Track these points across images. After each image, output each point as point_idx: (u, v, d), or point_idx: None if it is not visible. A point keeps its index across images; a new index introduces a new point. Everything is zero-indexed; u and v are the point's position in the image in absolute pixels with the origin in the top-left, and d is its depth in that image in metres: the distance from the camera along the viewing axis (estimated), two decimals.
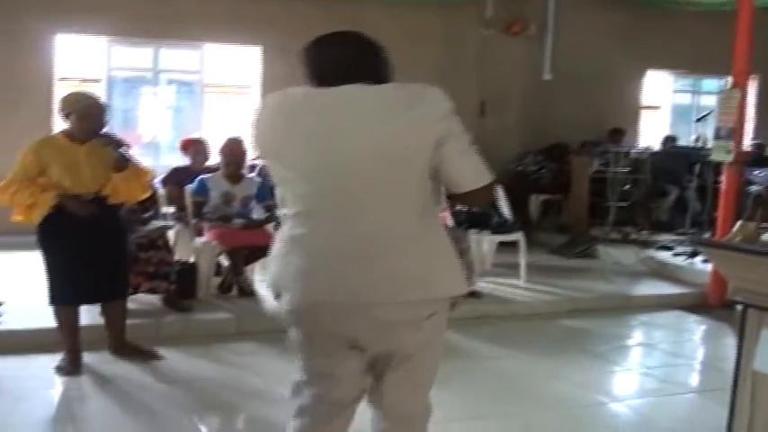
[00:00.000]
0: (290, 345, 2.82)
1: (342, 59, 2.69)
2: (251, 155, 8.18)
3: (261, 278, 4.59)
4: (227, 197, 6.78)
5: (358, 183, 2.57)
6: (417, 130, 2.55)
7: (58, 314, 5.12)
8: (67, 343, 5.13)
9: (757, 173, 11.05)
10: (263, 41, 9.91)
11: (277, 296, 2.76)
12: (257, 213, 6.92)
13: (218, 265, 6.88)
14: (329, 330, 2.70)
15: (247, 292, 6.67)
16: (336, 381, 2.79)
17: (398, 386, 2.80)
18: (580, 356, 5.97)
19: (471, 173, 2.63)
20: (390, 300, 2.59)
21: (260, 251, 6.70)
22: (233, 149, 6.86)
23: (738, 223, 3.75)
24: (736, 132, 7.17)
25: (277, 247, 2.75)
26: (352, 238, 2.59)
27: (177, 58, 10.08)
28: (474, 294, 6.97)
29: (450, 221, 7.60)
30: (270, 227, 6.92)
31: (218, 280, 6.80)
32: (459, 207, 7.76)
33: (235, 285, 6.73)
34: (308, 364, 2.81)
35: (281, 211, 2.75)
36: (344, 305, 2.62)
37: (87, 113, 4.97)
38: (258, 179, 7.09)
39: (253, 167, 8.22)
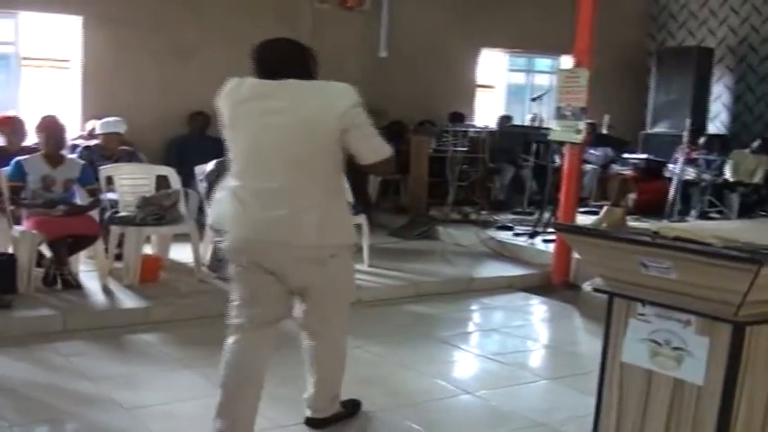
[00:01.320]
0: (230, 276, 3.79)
1: (278, 60, 3.65)
2: (71, 133, 7.61)
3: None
4: (47, 181, 6.20)
5: (274, 150, 3.51)
6: (323, 116, 3.51)
7: None
8: None
9: (592, 152, 11.24)
10: (83, 11, 9.22)
11: (218, 232, 3.72)
12: (81, 198, 6.38)
13: (41, 256, 6.30)
14: (256, 262, 3.61)
15: (73, 285, 6.12)
16: (262, 303, 3.71)
17: (311, 311, 3.82)
18: (427, 344, 5.78)
19: (371, 151, 3.66)
20: (295, 243, 3.52)
21: (85, 240, 6.20)
22: (50, 127, 6.29)
23: (605, 208, 3.60)
24: (584, 112, 7.13)
25: (221, 195, 3.69)
26: (268, 193, 3.51)
27: None
28: None
29: None
30: (94, 213, 6.41)
31: (41, 272, 6.20)
32: None
33: (59, 278, 6.15)
34: (242, 291, 3.73)
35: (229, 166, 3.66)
36: (266, 243, 3.54)
37: None
38: (80, 161, 6.54)
39: (74, 147, 7.65)
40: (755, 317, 3.08)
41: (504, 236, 8.76)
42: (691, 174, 10.92)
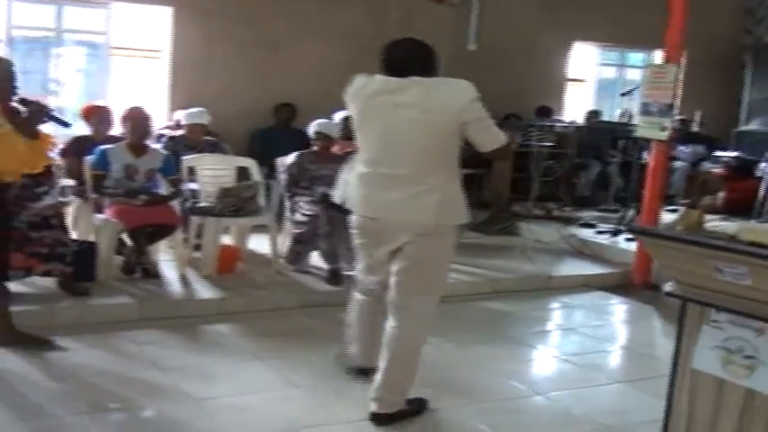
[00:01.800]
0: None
1: (405, 59, 4.09)
2: (158, 124, 7.75)
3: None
4: (130, 170, 6.29)
5: (403, 141, 3.97)
6: (446, 111, 3.93)
7: None
8: None
9: (682, 149, 10.98)
10: (174, 2, 9.36)
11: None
12: (163, 188, 6.48)
13: (122, 244, 6.42)
14: (379, 239, 4.13)
15: (152, 274, 6.22)
16: (380, 273, 4.25)
17: (402, 284, 4.12)
18: (501, 343, 5.70)
19: (489, 141, 4.05)
20: (415, 221, 3.98)
21: (164, 229, 6.30)
22: (136, 117, 6.40)
23: (682, 210, 3.49)
24: (670, 109, 6.95)
25: (350, 178, 4.24)
26: (395, 178, 3.99)
27: (82, 17, 9.45)
28: None
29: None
30: (175, 203, 6.50)
31: (121, 261, 6.27)
32: None
33: (139, 267, 6.26)
34: (365, 262, 4.35)
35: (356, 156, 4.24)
36: (390, 222, 4.04)
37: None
38: (164, 152, 6.64)
39: (160, 137, 7.78)
40: None
41: (587, 233, 8.61)
42: None
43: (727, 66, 13.24)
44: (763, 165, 10.72)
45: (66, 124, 4.85)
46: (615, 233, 8.30)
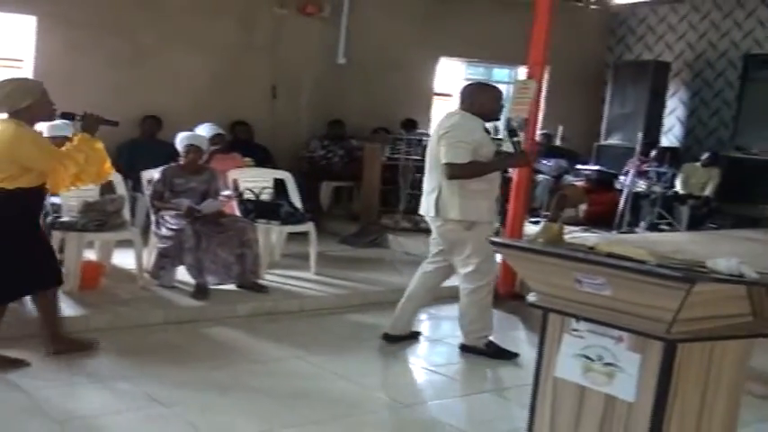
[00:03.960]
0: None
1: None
2: None
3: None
4: None
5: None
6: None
7: None
8: None
9: (545, 162, 11.28)
10: (38, 11, 9.06)
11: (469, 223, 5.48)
12: None
13: None
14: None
15: None
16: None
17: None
18: (370, 355, 5.73)
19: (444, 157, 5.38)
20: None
21: None
22: None
23: (542, 223, 3.58)
24: (530, 124, 7.12)
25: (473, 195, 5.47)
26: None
27: None
28: (261, 289, 6.62)
29: (237, 211, 7.23)
30: None
31: None
32: (246, 197, 7.47)
33: None
34: (491, 254, 5.47)
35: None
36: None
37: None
38: None
39: None
40: (687, 334, 3.07)
41: None
42: (641, 186, 11.02)
43: (589, 82, 13.70)
44: (622, 178, 11.14)
45: (115, 124, 5.21)
46: None
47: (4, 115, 4.78)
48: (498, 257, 7.59)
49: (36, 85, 4.91)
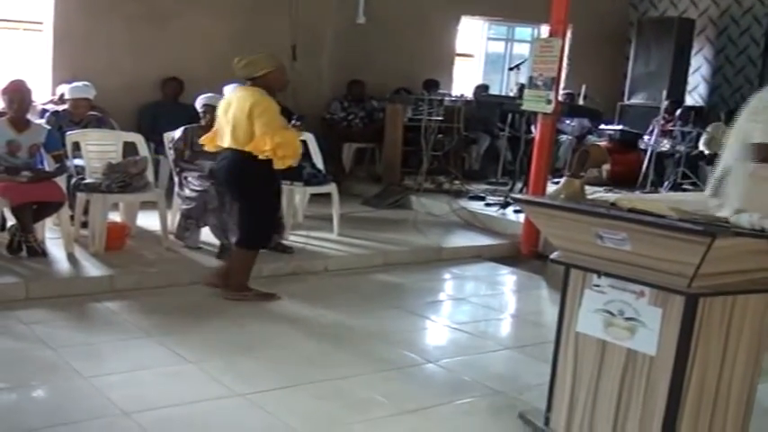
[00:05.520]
0: None
1: None
2: (41, 98, 7.53)
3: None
4: (12, 146, 6.08)
5: None
6: None
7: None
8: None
9: (568, 122, 11.22)
10: None
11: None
12: (47, 164, 6.30)
13: (5, 222, 6.22)
14: None
15: (38, 253, 6.04)
16: None
17: None
18: (394, 313, 5.77)
19: None
20: None
21: (50, 207, 6.13)
22: (16, 90, 6.18)
23: (563, 179, 3.58)
24: (555, 82, 7.08)
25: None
26: None
27: None
28: (285, 249, 6.67)
29: None
30: (61, 180, 6.33)
31: (5, 239, 6.10)
32: None
33: (24, 245, 6.06)
34: None
35: None
36: None
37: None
38: (47, 126, 6.46)
39: (43, 112, 7.57)
40: (708, 289, 3.09)
41: (476, 206, 8.75)
42: (665, 145, 10.94)
43: (612, 40, 13.57)
44: (646, 138, 11.07)
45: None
46: (504, 205, 8.45)
47: None
48: (521, 217, 7.66)
49: (275, 59, 5.58)
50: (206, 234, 6.58)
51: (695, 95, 13.45)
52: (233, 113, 5.43)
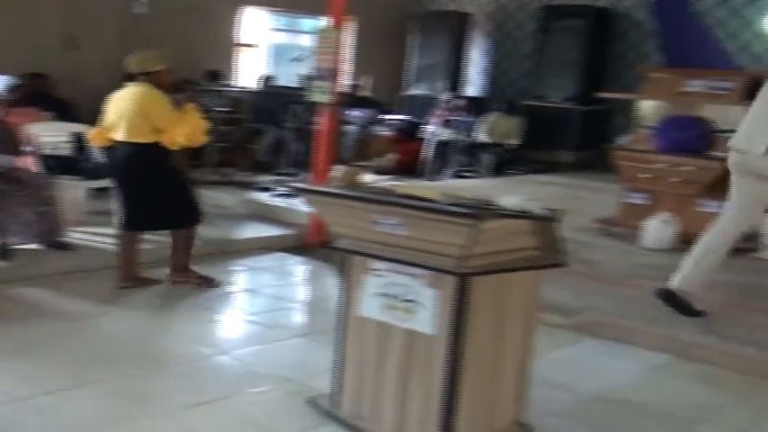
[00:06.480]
0: None
1: None
2: None
3: None
4: None
5: None
6: None
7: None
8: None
9: (354, 113, 11.43)
10: None
11: None
12: None
13: None
14: None
15: None
16: None
17: None
18: (184, 307, 5.72)
19: None
20: None
21: None
22: None
23: (340, 168, 3.68)
24: (333, 73, 7.20)
25: None
26: None
27: None
28: (65, 247, 6.46)
29: (35, 167, 6.99)
30: None
31: None
32: (48, 152, 7.24)
33: None
34: None
35: None
36: None
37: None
38: None
39: None
40: (478, 268, 3.27)
41: (264, 197, 8.79)
42: (446, 135, 11.36)
43: (395, 33, 13.91)
44: (427, 127, 11.46)
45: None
46: (291, 196, 8.52)
47: None
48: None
49: (166, 56, 5.86)
50: None
51: (474, 86, 14.03)
52: (129, 108, 5.66)
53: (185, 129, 5.71)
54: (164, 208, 5.95)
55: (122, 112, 5.70)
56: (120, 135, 5.74)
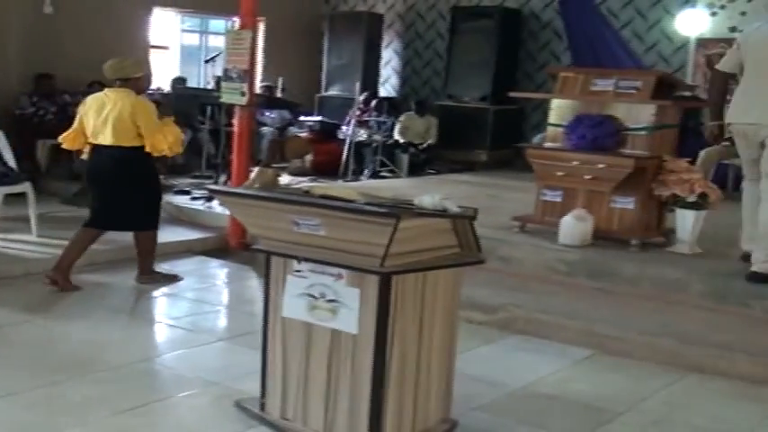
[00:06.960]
0: None
1: None
2: None
3: None
4: None
5: None
6: None
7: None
8: None
9: (269, 114, 11.42)
10: None
11: None
12: None
13: None
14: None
15: None
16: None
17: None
18: (106, 314, 5.66)
19: None
20: None
21: None
22: None
23: (256, 169, 3.72)
24: (248, 74, 7.21)
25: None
26: None
27: None
28: None
29: None
30: None
31: None
32: None
33: None
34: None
35: None
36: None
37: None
38: None
39: None
40: (400, 267, 3.34)
41: (182, 200, 8.73)
42: (363, 135, 11.44)
43: (307, 34, 13.91)
44: (344, 128, 11.52)
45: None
46: (209, 199, 8.48)
47: None
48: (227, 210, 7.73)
49: (147, 62, 6.09)
50: None
51: (388, 87, 14.14)
52: (112, 114, 5.85)
53: (170, 138, 5.93)
54: (134, 210, 6.15)
55: (107, 117, 5.86)
56: (106, 139, 5.88)
